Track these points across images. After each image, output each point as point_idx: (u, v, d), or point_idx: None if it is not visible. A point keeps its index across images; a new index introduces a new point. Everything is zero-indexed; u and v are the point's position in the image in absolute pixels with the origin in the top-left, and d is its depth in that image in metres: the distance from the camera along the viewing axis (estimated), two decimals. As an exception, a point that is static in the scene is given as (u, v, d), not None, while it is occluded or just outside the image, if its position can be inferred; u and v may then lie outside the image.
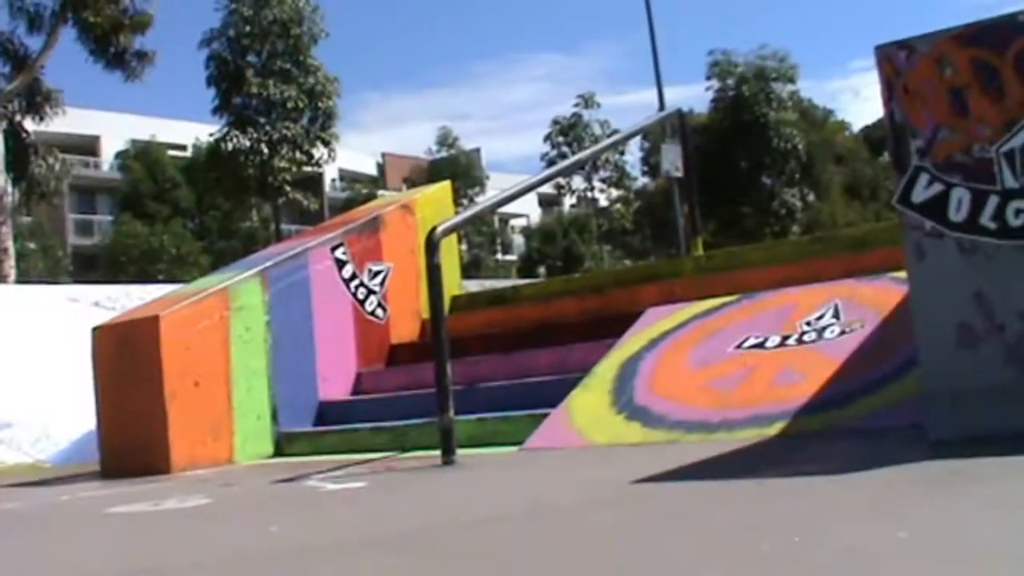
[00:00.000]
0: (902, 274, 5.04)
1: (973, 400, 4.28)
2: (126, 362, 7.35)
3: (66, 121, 31.81)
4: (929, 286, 4.43)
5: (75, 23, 27.96)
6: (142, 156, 59.25)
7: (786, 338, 6.15)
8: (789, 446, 4.92)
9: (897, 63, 4.54)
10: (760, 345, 6.19)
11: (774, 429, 5.29)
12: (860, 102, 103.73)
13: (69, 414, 8.93)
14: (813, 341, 6.00)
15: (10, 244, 26.38)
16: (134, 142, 61.07)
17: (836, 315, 6.13)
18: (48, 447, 8.85)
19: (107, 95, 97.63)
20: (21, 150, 28.52)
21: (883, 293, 6.05)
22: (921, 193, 4.43)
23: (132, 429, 7.25)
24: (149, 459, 7.02)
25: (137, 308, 8.26)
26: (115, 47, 28.34)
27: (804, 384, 5.58)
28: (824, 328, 6.06)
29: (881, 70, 4.58)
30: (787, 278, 7.21)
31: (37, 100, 28.60)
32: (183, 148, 60.25)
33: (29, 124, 29.07)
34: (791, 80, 52.49)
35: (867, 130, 67.82)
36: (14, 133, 28.19)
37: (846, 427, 5.11)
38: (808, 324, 6.17)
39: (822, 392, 5.47)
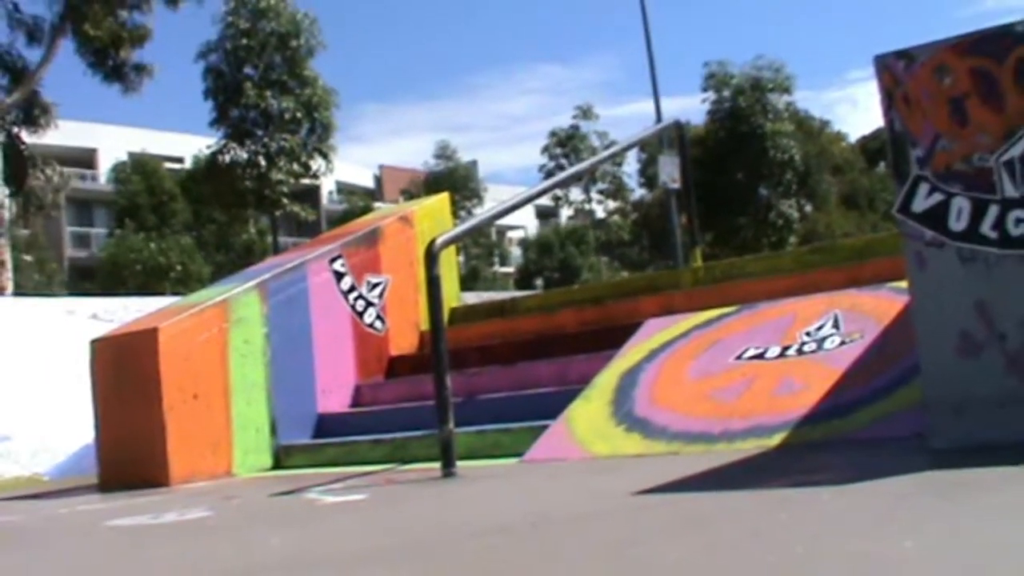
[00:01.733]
0: (902, 284, 5.05)
1: (975, 409, 4.28)
2: (125, 374, 7.34)
3: (63, 133, 31.83)
4: (930, 295, 4.43)
5: (74, 35, 27.96)
6: (139, 169, 59.23)
7: (786, 349, 6.14)
8: (790, 457, 4.91)
9: (896, 73, 4.54)
10: (760, 356, 6.19)
11: (775, 440, 5.28)
12: (858, 112, 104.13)
13: (67, 427, 8.93)
14: (813, 351, 5.99)
15: (7, 256, 26.38)
16: (131, 155, 61.09)
17: (836, 325, 6.13)
18: (46, 460, 8.84)
19: (104, 106, 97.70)
20: (19, 162, 28.49)
21: (883, 303, 6.06)
22: (921, 202, 4.43)
23: (131, 442, 7.24)
24: (148, 472, 7.01)
25: (135, 320, 8.24)
26: (113, 60, 28.35)
27: (805, 394, 5.58)
28: (824, 338, 6.06)
29: (880, 80, 4.59)
30: (787, 289, 7.23)
31: (34, 113, 28.57)
32: (180, 160, 60.26)
33: (26, 136, 29.02)
34: (787, 91, 52.60)
35: (864, 140, 68.08)
36: (12, 145, 28.18)
37: (847, 437, 5.10)
38: (808, 335, 6.16)
39: (823, 402, 5.46)
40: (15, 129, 28.36)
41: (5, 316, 10.98)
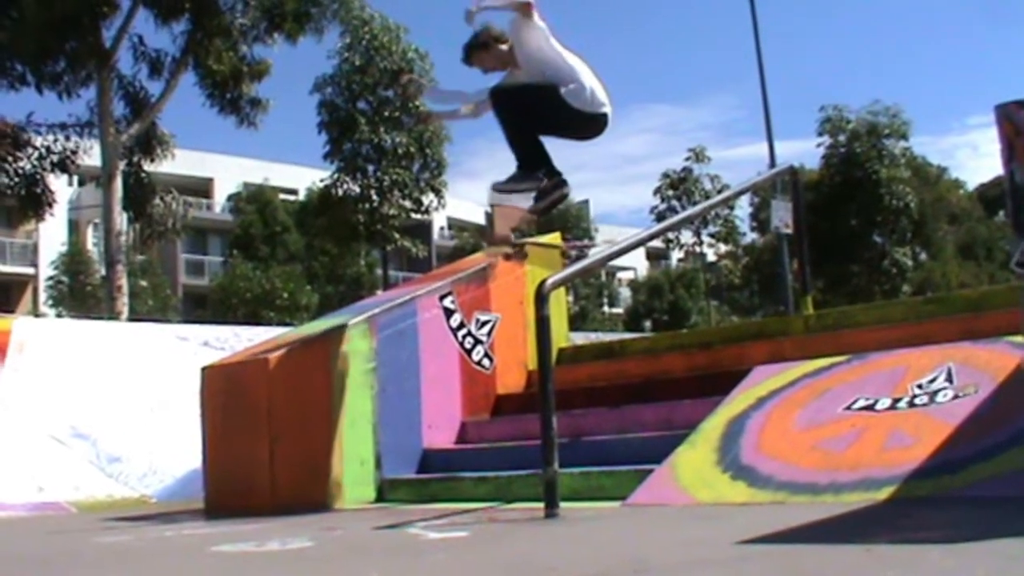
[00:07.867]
0: (1020, 338, 4.95)
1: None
2: (233, 402, 7.46)
3: (180, 163, 32.44)
4: (1048, 353, 4.34)
5: (196, 69, 28.49)
6: (254, 199, 60.22)
7: (897, 401, 6.05)
8: (898, 512, 4.83)
9: (1018, 122, 4.46)
10: (870, 407, 6.10)
11: (883, 493, 5.21)
12: (979, 158, 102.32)
13: (176, 450, 9.09)
14: (925, 405, 5.90)
15: (124, 282, 26.88)
16: (246, 185, 62.14)
17: (949, 379, 6.03)
18: (155, 482, 9.01)
19: (222, 137, 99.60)
20: (139, 190, 29.09)
21: (999, 357, 5.94)
22: (1041, 257, 4.34)
23: (238, 468, 7.35)
24: (253, 499, 7.10)
25: (246, 349, 8.38)
26: (231, 93, 28.81)
27: (915, 448, 5.49)
28: (937, 392, 5.96)
29: (1001, 129, 4.51)
30: (899, 339, 7.14)
31: (152, 144, 29.12)
32: (295, 192, 61.14)
33: (144, 165, 29.58)
34: (904, 137, 51.87)
35: (982, 188, 67.01)
36: (133, 173, 28.77)
37: (957, 494, 5.01)
38: (920, 387, 6.07)
39: (933, 457, 5.37)
40: (135, 158, 28.91)
41: (120, 341, 11.21)
